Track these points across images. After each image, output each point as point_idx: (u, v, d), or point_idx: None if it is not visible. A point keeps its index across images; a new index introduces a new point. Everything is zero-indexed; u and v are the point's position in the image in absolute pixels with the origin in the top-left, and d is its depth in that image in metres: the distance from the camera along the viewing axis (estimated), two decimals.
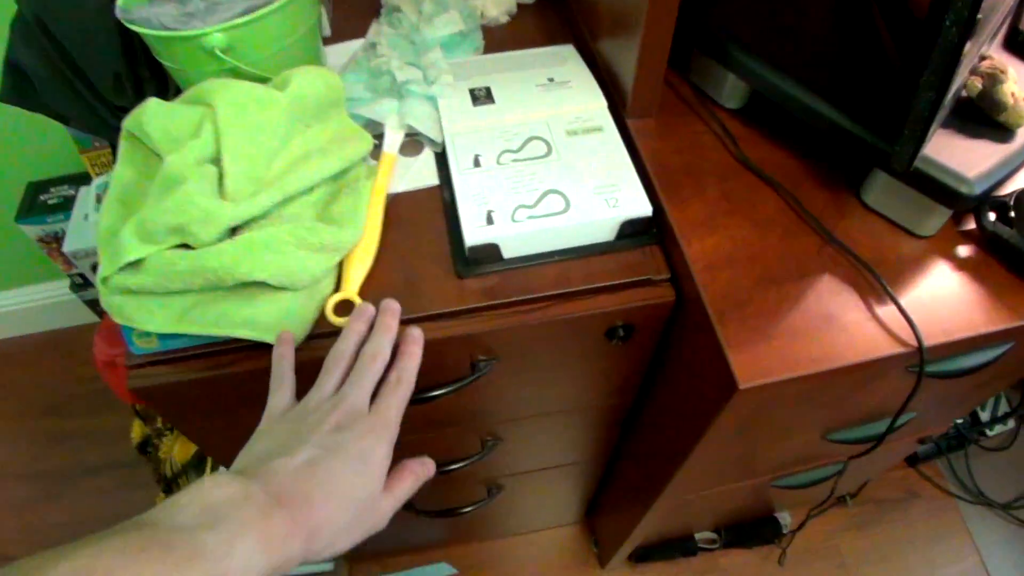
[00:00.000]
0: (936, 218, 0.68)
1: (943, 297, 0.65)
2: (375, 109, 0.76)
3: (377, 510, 0.53)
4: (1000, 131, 0.67)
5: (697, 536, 1.62)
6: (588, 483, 1.32)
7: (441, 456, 0.91)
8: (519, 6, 0.92)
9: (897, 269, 0.66)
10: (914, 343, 0.61)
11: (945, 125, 0.67)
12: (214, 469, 1.37)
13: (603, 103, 0.76)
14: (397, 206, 0.73)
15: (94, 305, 1.74)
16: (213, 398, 0.70)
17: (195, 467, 1.39)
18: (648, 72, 0.70)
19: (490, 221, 0.65)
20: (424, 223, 0.71)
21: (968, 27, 0.51)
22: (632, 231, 0.68)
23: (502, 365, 0.72)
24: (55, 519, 1.69)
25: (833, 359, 0.60)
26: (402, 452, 0.78)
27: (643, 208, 0.67)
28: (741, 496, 1.25)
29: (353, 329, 0.60)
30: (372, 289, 0.67)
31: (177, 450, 1.39)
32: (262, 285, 0.62)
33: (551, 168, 0.69)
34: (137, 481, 1.67)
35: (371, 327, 0.61)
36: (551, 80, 0.78)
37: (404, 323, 0.64)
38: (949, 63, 0.54)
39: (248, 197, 0.63)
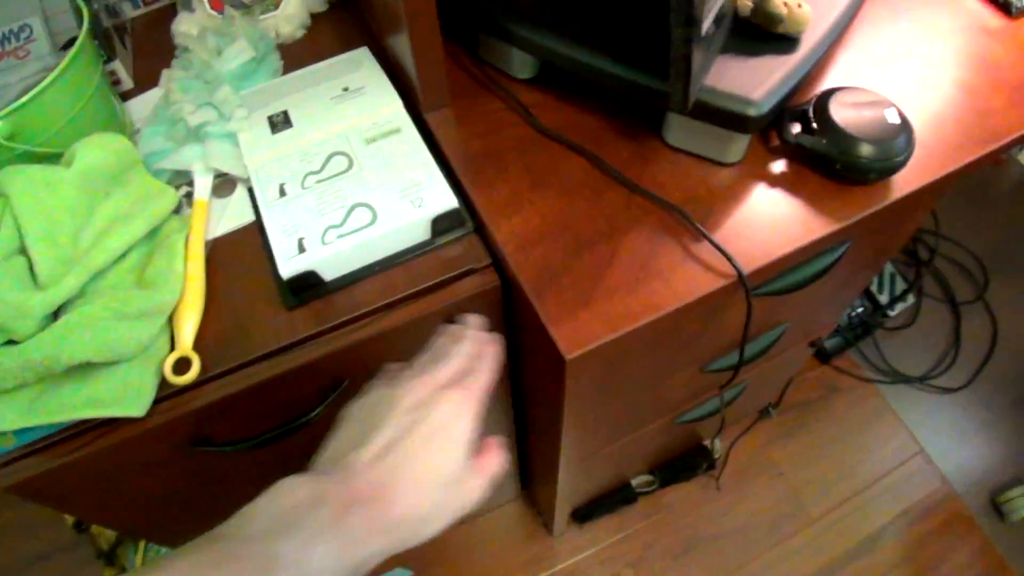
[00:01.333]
0: (737, 144, 0.70)
1: (760, 219, 0.68)
2: (178, 159, 0.76)
3: (465, 489, 0.50)
4: (784, 42, 0.70)
5: (633, 482, 1.66)
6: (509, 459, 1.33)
7: None
8: (313, 16, 0.92)
9: (709, 203, 0.69)
10: (734, 273, 0.63)
11: (725, 50, 0.69)
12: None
13: (398, 103, 0.77)
14: (219, 250, 0.73)
15: None
16: (89, 479, 0.70)
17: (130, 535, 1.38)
18: (427, 62, 0.71)
19: (302, 249, 0.66)
20: (248, 262, 0.72)
21: None
22: (447, 226, 0.70)
23: (354, 384, 0.73)
24: None
25: (654, 308, 0.62)
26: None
27: (448, 201, 0.68)
28: (655, 437, 1.28)
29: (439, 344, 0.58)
30: (206, 340, 0.67)
31: None
32: (92, 363, 0.62)
33: (355, 181, 0.70)
34: (81, 560, 1.65)
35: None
36: (346, 90, 0.79)
37: (243, 367, 0.65)
38: None
39: (58, 281, 0.63)
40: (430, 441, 0.48)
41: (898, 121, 0.67)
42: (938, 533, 1.68)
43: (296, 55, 0.88)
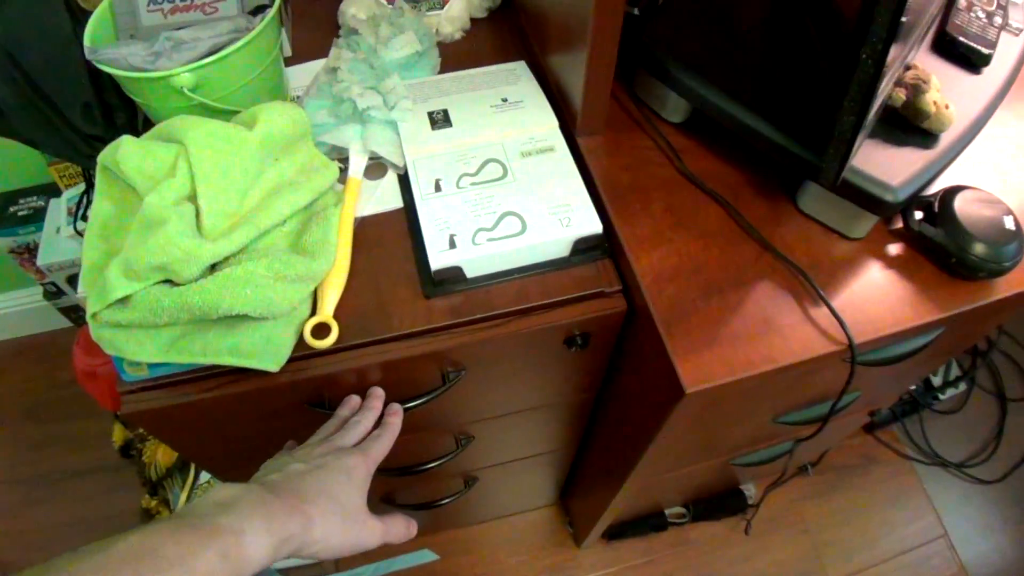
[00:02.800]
0: (866, 222, 0.75)
1: (874, 294, 0.72)
2: (339, 136, 0.81)
3: (365, 526, 0.63)
4: (924, 136, 0.74)
5: (667, 512, 1.72)
6: (560, 469, 1.41)
7: (419, 455, 0.98)
8: (472, 21, 0.97)
9: (830, 271, 0.74)
10: (845, 340, 0.68)
11: (872, 135, 0.74)
12: (198, 472, 1.42)
13: (555, 123, 0.82)
14: (365, 229, 0.78)
15: (68, 312, 1.78)
16: (202, 418, 0.76)
17: (179, 469, 1.44)
18: (596, 90, 0.76)
19: (452, 245, 0.71)
20: (391, 245, 0.77)
21: (881, 63, 0.57)
22: (585, 247, 0.75)
23: (470, 374, 0.79)
24: (43, 523, 1.74)
25: (771, 361, 0.67)
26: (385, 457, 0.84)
27: (594, 226, 0.73)
28: (704, 474, 1.33)
29: (339, 415, 0.74)
30: (346, 312, 0.73)
31: (161, 454, 1.45)
32: (244, 315, 0.67)
33: (508, 190, 0.75)
34: (122, 483, 1.72)
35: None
36: (505, 100, 0.84)
37: (378, 343, 0.71)
38: (867, 92, 0.60)
39: (225, 234, 0.68)
40: (334, 475, 0.62)
41: (1014, 228, 0.72)
42: None
43: (453, 55, 0.93)
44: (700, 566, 1.75)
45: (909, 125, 0.74)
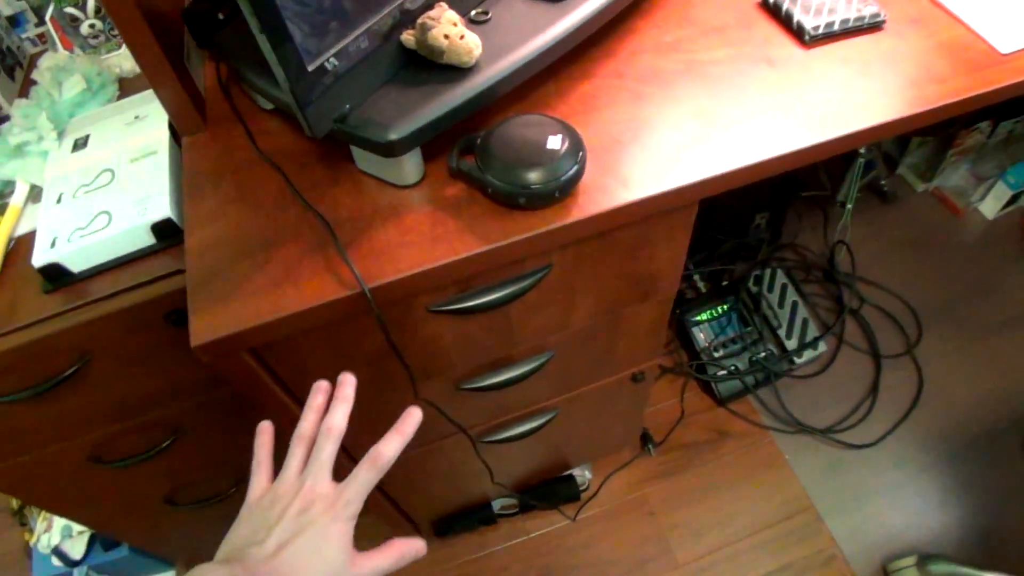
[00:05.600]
0: (405, 167, 0.82)
1: (411, 238, 0.79)
2: (2, 171, 0.99)
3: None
4: (456, 72, 0.79)
5: (496, 504, 1.73)
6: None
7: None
8: None
9: (370, 221, 0.82)
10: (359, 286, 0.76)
11: (396, 81, 0.81)
12: None
13: (165, 130, 0.99)
14: (22, 245, 0.97)
15: None
16: None
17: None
18: (170, 99, 0.91)
19: (53, 245, 0.88)
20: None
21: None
22: (168, 232, 0.91)
23: (99, 363, 0.97)
24: None
25: (278, 310, 0.76)
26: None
27: (163, 212, 0.89)
28: (459, 459, 1.38)
29: (311, 406, 0.72)
30: None
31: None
32: None
33: (110, 193, 0.93)
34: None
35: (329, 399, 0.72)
36: (136, 118, 1.01)
37: (7, 333, 0.88)
38: (278, 39, 0.68)
39: None
40: (313, 542, 0.62)
41: (558, 147, 0.76)
42: None
43: (136, 87, 1.11)
44: (537, 557, 1.75)
45: (436, 65, 0.79)
